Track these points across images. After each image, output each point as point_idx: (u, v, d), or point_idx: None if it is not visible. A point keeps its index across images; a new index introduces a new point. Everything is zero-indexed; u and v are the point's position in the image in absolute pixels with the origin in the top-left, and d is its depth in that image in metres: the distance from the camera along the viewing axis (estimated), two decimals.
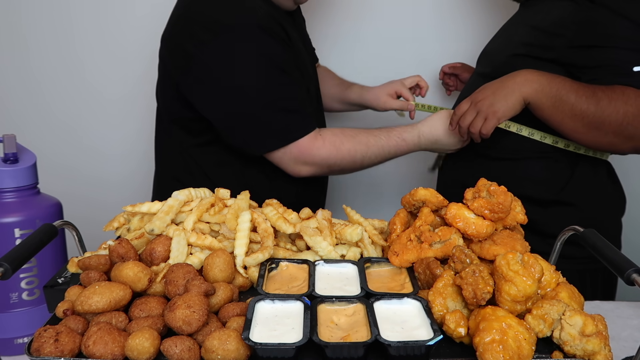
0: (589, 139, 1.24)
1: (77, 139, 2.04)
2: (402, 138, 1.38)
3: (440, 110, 1.44)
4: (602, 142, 1.24)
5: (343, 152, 1.35)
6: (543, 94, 1.21)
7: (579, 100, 1.19)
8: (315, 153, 1.33)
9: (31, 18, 1.93)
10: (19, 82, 1.98)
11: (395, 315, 0.82)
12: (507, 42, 1.42)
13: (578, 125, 1.21)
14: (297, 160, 1.34)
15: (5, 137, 1.13)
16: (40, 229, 0.90)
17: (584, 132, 1.22)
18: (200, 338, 0.77)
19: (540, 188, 1.35)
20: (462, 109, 1.30)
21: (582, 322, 0.77)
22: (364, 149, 1.36)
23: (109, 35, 1.95)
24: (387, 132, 1.39)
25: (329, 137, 1.34)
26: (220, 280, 0.89)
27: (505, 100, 1.23)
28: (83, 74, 1.98)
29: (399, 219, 1.03)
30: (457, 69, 1.81)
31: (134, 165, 2.06)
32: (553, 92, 1.20)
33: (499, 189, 0.92)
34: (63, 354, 0.73)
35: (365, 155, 1.37)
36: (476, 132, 1.27)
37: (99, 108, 2.02)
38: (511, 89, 1.23)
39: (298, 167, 1.35)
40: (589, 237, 0.89)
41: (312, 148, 1.33)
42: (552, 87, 1.21)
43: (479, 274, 0.80)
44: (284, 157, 1.34)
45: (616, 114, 1.17)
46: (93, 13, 1.93)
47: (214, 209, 1.03)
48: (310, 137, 1.33)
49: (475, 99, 1.28)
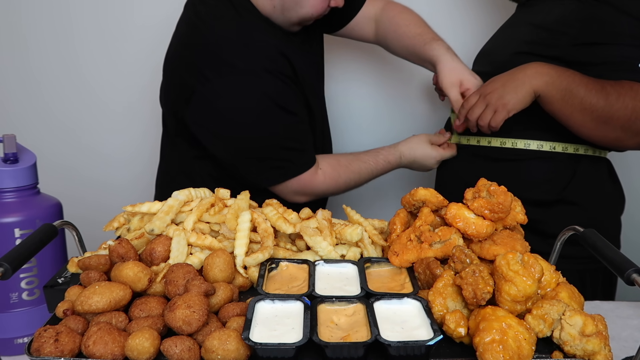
0: (597, 134, 1.23)
1: (77, 140, 2.04)
2: (387, 161, 1.51)
3: (418, 135, 1.54)
4: (609, 136, 1.23)
5: (340, 184, 1.45)
6: (553, 86, 1.20)
7: (588, 94, 1.18)
8: (315, 186, 1.41)
9: (32, 18, 1.93)
10: (20, 84, 1.98)
11: (395, 315, 0.82)
12: (508, 42, 1.41)
13: (587, 119, 1.20)
14: (297, 193, 1.41)
15: (5, 137, 1.13)
16: (40, 229, 0.90)
17: (592, 126, 1.21)
18: (200, 338, 0.77)
19: (542, 189, 1.34)
20: (470, 101, 1.29)
21: (582, 322, 0.77)
22: (357, 177, 1.48)
23: (109, 36, 1.95)
24: (375, 156, 1.50)
25: (329, 172, 1.43)
26: (220, 280, 0.89)
27: (516, 93, 1.22)
28: (83, 75, 1.98)
29: (399, 219, 1.03)
30: None
31: (134, 167, 2.06)
32: (563, 85, 1.20)
33: (499, 189, 0.92)
34: (63, 354, 0.73)
35: (358, 182, 1.49)
36: (485, 124, 1.26)
37: (100, 109, 2.02)
38: (521, 81, 1.22)
39: (297, 197, 1.42)
40: (589, 237, 0.89)
41: (312, 182, 1.40)
42: (562, 80, 1.20)
43: (479, 274, 0.80)
44: (284, 190, 1.40)
45: (625, 108, 1.16)
46: (94, 13, 1.93)
47: (214, 209, 1.03)
48: (311, 172, 1.39)
49: (484, 92, 1.27)
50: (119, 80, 2.00)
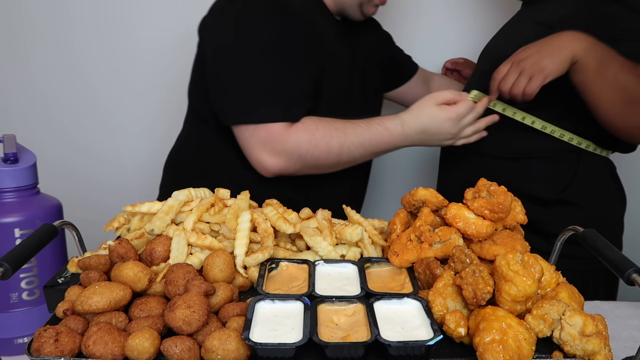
0: (621, 117, 1.18)
1: (77, 141, 2.04)
2: (384, 126, 1.25)
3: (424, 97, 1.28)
4: (632, 120, 1.18)
5: (317, 138, 1.21)
6: (592, 53, 1.14)
7: (621, 70, 1.14)
8: (285, 139, 1.20)
9: (32, 19, 1.93)
10: (20, 84, 1.98)
11: (395, 315, 0.82)
12: (513, 39, 1.39)
13: (616, 97, 1.15)
14: (264, 146, 1.21)
15: (5, 137, 1.13)
16: (40, 229, 0.90)
17: (619, 107, 1.16)
18: (200, 338, 0.77)
19: (543, 188, 1.34)
20: (501, 71, 1.21)
21: (582, 322, 0.77)
22: (341, 135, 1.22)
23: (110, 37, 1.95)
24: (368, 121, 1.26)
25: (307, 123, 1.22)
26: (220, 280, 0.89)
27: (553, 57, 1.15)
28: (84, 76, 1.99)
29: (399, 219, 1.03)
30: (459, 65, 1.78)
31: (134, 167, 2.06)
32: (599, 55, 1.15)
33: (499, 189, 0.92)
34: (63, 354, 0.73)
35: (343, 144, 1.23)
36: (519, 92, 1.18)
37: (100, 110, 2.02)
38: (559, 46, 1.16)
39: (264, 156, 1.22)
40: (589, 237, 0.89)
41: (282, 135, 1.20)
42: (598, 49, 1.15)
43: (479, 274, 0.80)
44: (250, 139, 1.22)
45: None
46: (95, 15, 1.93)
47: (214, 209, 1.03)
48: (285, 125, 1.21)
49: (517, 59, 1.20)
50: (119, 81, 2.00)
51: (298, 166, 1.25)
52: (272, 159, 1.22)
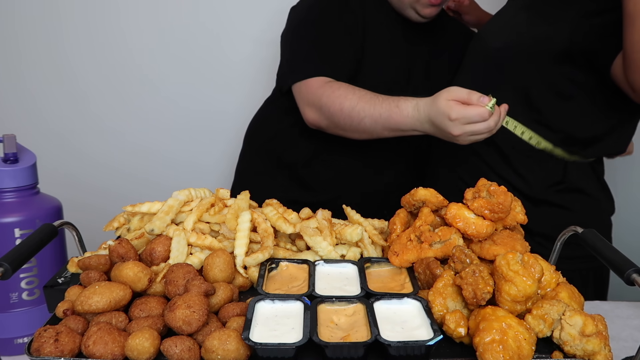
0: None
1: (77, 141, 2.05)
2: (396, 104, 1.24)
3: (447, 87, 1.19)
4: None
5: (335, 95, 1.31)
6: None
7: None
8: (314, 92, 1.36)
9: (32, 20, 1.93)
10: (20, 86, 1.99)
11: (395, 315, 0.82)
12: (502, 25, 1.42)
13: None
14: (303, 100, 1.39)
15: (5, 137, 1.13)
16: (40, 229, 0.90)
17: None
18: (200, 338, 0.77)
19: (530, 185, 1.34)
20: None
21: (582, 322, 0.77)
22: (355, 99, 1.29)
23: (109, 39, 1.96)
24: (388, 97, 1.28)
25: (333, 81, 1.37)
26: (220, 280, 0.89)
27: None
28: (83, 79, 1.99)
29: (399, 219, 1.03)
30: (462, 8, 1.72)
31: (134, 167, 2.06)
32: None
33: (499, 189, 0.92)
34: (63, 354, 0.73)
35: (354, 108, 1.28)
36: None
37: (100, 110, 2.03)
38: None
39: (305, 109, 1.39)
40: (589, 238, 0.89)
41: (314, 88, 1.36)
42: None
43: (479, 274, 0.80)
44: (298, 97, 1.42)
45: None
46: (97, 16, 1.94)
47: (214, 209, 1.03)
48: (319, 80, 1.37)
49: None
50: (120, 83, 2.00)
51: (325, 121, 1.37)
52: (307, 109, 1.39)
